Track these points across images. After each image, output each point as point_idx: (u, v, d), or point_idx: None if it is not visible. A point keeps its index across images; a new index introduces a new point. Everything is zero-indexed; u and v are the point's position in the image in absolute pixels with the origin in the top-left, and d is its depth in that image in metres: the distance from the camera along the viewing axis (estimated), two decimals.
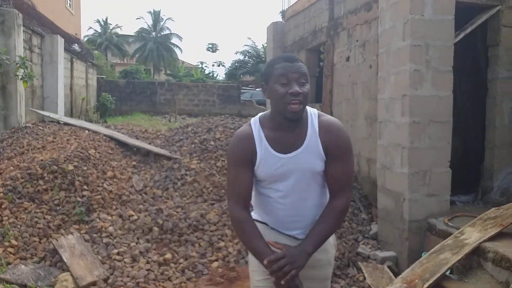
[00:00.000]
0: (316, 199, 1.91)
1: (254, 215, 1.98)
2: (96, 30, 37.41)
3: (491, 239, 3.33)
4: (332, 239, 1.99)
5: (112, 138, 6.72)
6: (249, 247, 1.87)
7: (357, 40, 5.85)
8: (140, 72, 26.80)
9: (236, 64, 32.26)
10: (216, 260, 3.97)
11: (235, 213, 1.87)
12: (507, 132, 4.60)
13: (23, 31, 8.08)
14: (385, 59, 4.50)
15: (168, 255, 3.97)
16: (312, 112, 1.90)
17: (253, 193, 1.97)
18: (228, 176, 1.95)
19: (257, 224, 1.91)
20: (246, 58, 32.00)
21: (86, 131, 7.00)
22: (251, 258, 1.98)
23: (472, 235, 3.50)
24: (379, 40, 4.69)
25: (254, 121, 1.92)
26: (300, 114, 1.78)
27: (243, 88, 24.44)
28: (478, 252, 3.31)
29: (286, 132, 1.83)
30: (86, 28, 39.12)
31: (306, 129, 1.84)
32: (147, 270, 3.73)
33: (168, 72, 33.77)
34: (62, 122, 7.80)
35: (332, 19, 6.71)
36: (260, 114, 1.95)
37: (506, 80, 4.55)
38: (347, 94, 6.15)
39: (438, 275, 3.25)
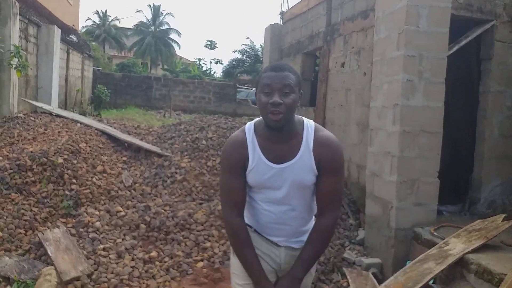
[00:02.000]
0: (302, 211, 1.93)
1: None
2: (94, 22, 37.22)
3: (475, 251, 3.37)
4: None
5: (103, 133, 6.70)
6: (239, 256, 1.89)
7: (353, 47, 5.87)
8: (137, 66, 26.73)
9: (234, 62, 32.24)
10: (201, 260, 3.96)
11: (230, 221, 1.89)
12: (496, 145, 4.65)
13: (20, 20, 8.02)
14: (379, 68, 4.53)
15: (154, 253, 3.96)
16: (310, 125, 1.88)
17: None
18: (221, 180, 1.97)
19: None
20: (244, 57, 31.98)
21: (78, 124, 6.97)
22: (233, 260, 2.00)
23: (456, 246, 3.54)
24: (374, 48, 4.72)
25: (249, 127, 1.91)
26: (280, 124, 1.76)
27: (240, 87, 24.45)
28: (461, 263, 3.35)
29: (279, 142, 1.84)
30: (85, 19, 38.97)
31: (300, 142, 1.83)
32: (131, 267, 3.72)
33: (165, 67, 33.70)
34: (54, 114, 7.76)
35: (329, 25, 6.73)
36: (255, 120, 1.95)
37: (497, 94, 4.60)
38: (341, 99, 6.17)
39: (421, 284, 3.27)
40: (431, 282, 3.40)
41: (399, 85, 4.10)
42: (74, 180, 4.81)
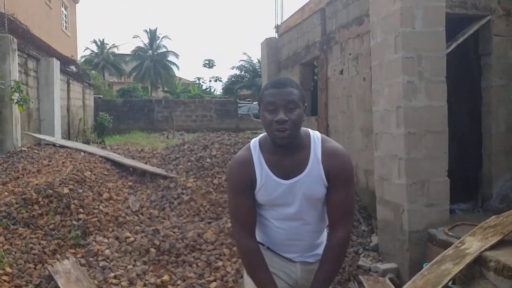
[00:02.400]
0: (315, 224, 1.88)
1: None
2: (92, 51, 37.73)
3: (492, 248, 3.29)
4: None
5: (108, 159, 6.69)
6: (253, 279, 1.83)
7: (350, 54, 5.87)
8: (137, 90, 26.98)
9: (233, 79, 32.58)
10: (214, 280, 3.89)
11: (242, 243, 1.83)
12: (504, 139, 4.59)
13: (19, 55, 8.12)
14: (378, 72, 4.51)
15: (166, 277, 3.90)
16: (316, 137, 1.84)
17: None
18: (229, 202, 1.91)
19: None
20: (243, 73, 32.30)
21: (82, 153, 6.97)
22: (247, 279, 1.94)
23: (473, 244, 3.46)
24: (372, 53, 4.70)
25: (254, 144, 1.87)
26: (288, 140, 1.73)
27: (240, 102, 24.56)
28: (479, 261, 3.27)
29: (287, 157, 1.78)
30: (83, 49, 39.47)
31: (309, 155, 1.79)
32: None
33: (166, 89, 33.93)
34: (58, 145, 7.77)
35: (325, 34, 6.74)
36: (260, 136, 1.90)
37: (499, 88, 4.56)
38: (342, 106, 6.15)
39: (440, 286, 3.19)
40: (450, 283, 3.31)
41: (400, 87, 4.07)
42: (81, 210, 4.78)
